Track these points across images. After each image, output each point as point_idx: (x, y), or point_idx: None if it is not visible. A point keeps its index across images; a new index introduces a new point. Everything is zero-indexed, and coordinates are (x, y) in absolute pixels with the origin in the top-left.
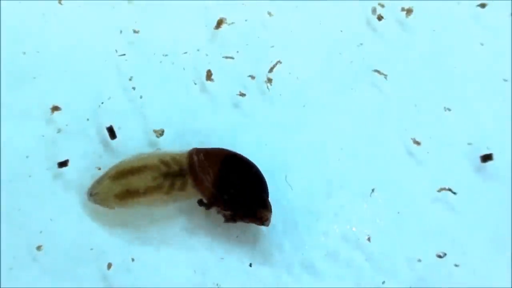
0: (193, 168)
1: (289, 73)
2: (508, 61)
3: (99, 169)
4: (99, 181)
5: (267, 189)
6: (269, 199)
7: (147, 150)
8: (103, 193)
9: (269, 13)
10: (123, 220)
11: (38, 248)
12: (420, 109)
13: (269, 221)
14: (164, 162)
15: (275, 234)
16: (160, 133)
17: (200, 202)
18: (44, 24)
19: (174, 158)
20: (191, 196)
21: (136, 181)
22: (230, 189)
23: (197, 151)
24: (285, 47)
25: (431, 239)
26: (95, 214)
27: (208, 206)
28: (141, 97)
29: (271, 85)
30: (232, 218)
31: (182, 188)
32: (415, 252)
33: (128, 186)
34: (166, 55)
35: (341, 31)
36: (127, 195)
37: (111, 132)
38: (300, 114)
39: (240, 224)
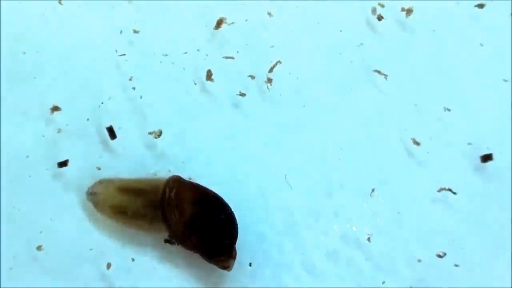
0: (163, 205)
1: (289, 73)
2: (508, 61)
3: (99, 169)
4: (101, 182)
5: (237, 234)
6: (237, 242)
7: (147, 150)
8: (102, 195)
9: (269, 13)
10: None
11: (38, 248)
12: (420, 109)
13: (231, 268)
14: (156, 189)
15: (275, 234)
16: (158, 134)
17: (167, 240)
18: (44, 24)
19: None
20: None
21: (129, 202)
22: (198, 232)
23: (170, 188)
24: (285, 47)
25: (431, 239)
26: (95, 214)
27: (173, 243)
28: (141, 97)
29: (271, 85)
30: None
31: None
32: (415, 252)
33: (125, 203)
34: (166, 55)
35: (341, 31)
36: (120, 211)
37: (111, 132)
38: (300, 114)
39: None
